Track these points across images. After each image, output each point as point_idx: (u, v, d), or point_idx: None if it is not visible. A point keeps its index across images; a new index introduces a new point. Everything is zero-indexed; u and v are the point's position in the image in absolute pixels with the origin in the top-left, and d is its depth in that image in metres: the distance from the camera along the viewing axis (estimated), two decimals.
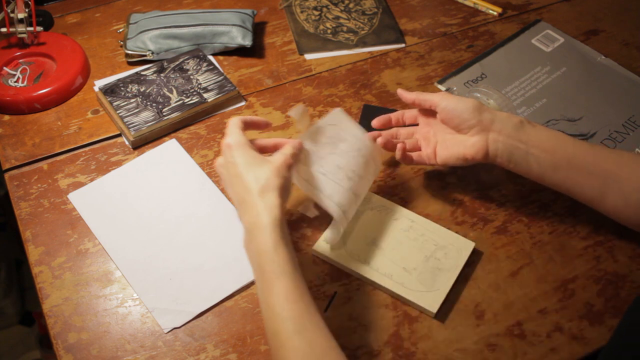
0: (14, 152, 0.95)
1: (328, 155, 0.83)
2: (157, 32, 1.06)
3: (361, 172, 0.84)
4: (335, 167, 0.82)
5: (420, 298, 0.79)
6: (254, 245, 0.71)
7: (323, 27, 1.14)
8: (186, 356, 0.76)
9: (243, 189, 0.73)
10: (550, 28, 1.14)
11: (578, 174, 0.79)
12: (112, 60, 1.09)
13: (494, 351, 0.76)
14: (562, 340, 0.77)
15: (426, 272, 0.81)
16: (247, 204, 0.72)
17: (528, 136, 0.80)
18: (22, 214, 0.88)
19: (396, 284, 0.80)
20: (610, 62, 1.08)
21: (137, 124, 0.95)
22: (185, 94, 1.00)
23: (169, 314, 0.79)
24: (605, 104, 1.01)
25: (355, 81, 1.05)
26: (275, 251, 0.69)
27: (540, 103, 1.02)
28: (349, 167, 0.83)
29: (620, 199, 0.78)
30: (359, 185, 0.84)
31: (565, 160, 0.79)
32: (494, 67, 1.07)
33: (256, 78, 1.06)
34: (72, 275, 0.82)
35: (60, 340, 0.77)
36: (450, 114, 0.82)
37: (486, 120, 0.81)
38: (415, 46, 1.11)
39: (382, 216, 0.86)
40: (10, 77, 1.04)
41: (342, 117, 0.87)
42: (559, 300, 0.80)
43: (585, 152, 0.80)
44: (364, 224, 0.86)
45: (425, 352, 0.76)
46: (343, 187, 0.81)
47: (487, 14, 1.17)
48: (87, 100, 1.03)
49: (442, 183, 0.92)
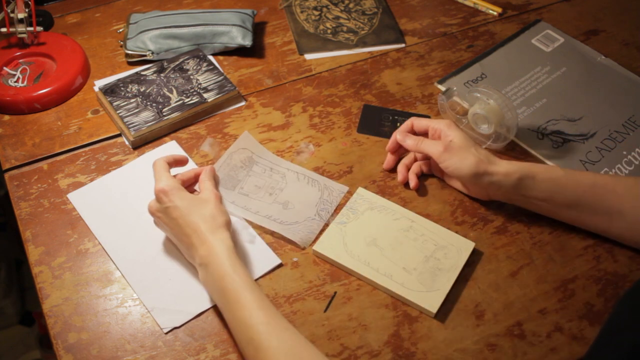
0: (14, 152, 0.95)
1: (245, 177, 0.90)
2: (157, 32, 1.06)
3: (281, 185, 0.90)
4: (255, 187, 0.89)
5: (420, 298, 0.79)
6: (210, 275, 0.74)
7: (323, 27, 1.14)
8: (186, 356, 0.76)
9: (190, 231, 0.76)
10: (550, 28, 1.14)
11: (581, 215, 0.83)
12: (112, 60, 1.09)
13: (494, 351, 0.76)
14: (562, 340, 0.77)
15: (426, 272, 0.81)
16: (197, 242, 0.76)
17: (527, 190, 0.82)
18: (22, 214, 0.88)
19: (396, 284, 0.80)
20: (610, 62, 1.08)
21: (137, 124, 0.95)
22: (185, 94, 1.00)
23: (169, 314, 0.79)
24: (605, 104, 1.01)
25: (355, 81, 1.05)
26: (234, 272, 0.73)
27: (540, 103, 1.02)
28: (267, 185, 0.89)
29: (625, 229, 0.82)
30: (284, 194, 0.89)
31: (566, 206, 0.82)
32: (494, 67, 1.07)
33: (256, 78, 1.06)
34: (72, 275, 0.82)
35: (60, 340, 0.77)
36: (451, 173, 0.86)
37: (485, 183, 0.83)
38: (415, 46, 1.11)
39: (382, 216, 0.86)
40: (10, 77, 1.04)
41: (250, 140, 0.95)
42: (559, 300, 0.80)
43: (585, 193, 0.81)
44: (364, 224, 0.86)
45: (425, 352, 0.76)
46: (266, 202, 0.88)
47: (487, 14, 1.17)
48: (87, 100, 1.03)
49: (442, 183, 0.92)
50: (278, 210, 0.88)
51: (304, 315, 0.79)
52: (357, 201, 0.88)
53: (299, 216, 0.87)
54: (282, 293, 0.81)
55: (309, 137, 0.97)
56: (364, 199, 0.88)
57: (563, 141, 0.97)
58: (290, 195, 0.89)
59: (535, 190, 0.82)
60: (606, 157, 0.94)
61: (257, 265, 0.83)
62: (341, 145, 0.96)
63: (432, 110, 1.01)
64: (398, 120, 0.99)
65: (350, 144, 0.97)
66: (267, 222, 0.86)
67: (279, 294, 0.81)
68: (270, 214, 0.87)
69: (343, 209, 0.87)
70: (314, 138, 0.97)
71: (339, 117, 1.00)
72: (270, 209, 0.88)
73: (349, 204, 0.88)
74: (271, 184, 0.90)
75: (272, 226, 0.86)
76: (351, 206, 0.88)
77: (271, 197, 0.89)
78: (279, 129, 0.98)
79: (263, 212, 0.87)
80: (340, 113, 1.01)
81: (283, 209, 0.88)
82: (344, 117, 1.00)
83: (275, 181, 0.90)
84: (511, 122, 0.91)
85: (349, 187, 0.91)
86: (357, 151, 0.96)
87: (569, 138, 0.97)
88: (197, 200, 0.79)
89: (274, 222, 0.86)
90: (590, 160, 0.94)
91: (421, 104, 1.02)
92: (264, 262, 0.83)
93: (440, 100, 0.97)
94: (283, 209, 0.88)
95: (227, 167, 0.91)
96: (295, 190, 0.90)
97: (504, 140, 0.94)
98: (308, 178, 0.91)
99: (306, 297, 0.80)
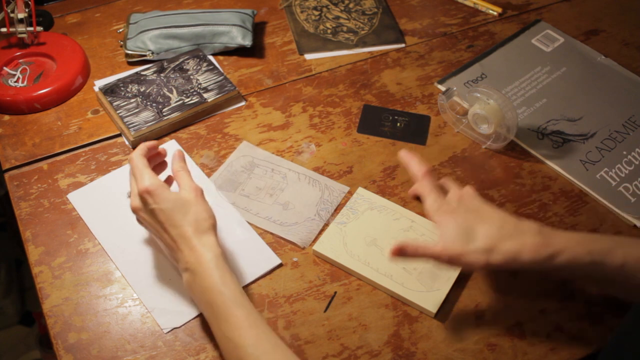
0: (14, 152, 0.95)
1: (246, 180, 0.90)
2: (157, 32, 1.06)
3: (282, 186, 0.90)
4: (255, 189, 0.89)
5: (420, 298, 0.79)
6: (198, 284, 0.72)
7: (323, 27, 1.14)
8: (186, 356, 0.76)
9: (177, 235, 0.74)
10: (550, 28, 1.14)
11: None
12: (112, 60, 1.09)
13: (494, 351, 0.76)
14: (562, 340, 0.77)
15: (426, 272, 0.81)
16: (184, 248, 0.73)
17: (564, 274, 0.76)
18: (22, 214, 0.88)
19: (396, 284, 0.80)
20: (610, 62, 1.08)
21: (137, 124, 0.95)
22: (185, 94, 1.00)
23: (169, 314, 0.79)
24: (605, 104, 1.01)
25: (355, 81, 1.05)
26: (223, 284, 0.71)
27: (540, 103, 1.02)
28: (268, 186, 0.89)
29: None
30: (285, 194, 0.89)
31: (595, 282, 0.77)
32: (494, 67, 1.07)
33: (256, 78, 1.06)
34: (72, 275, 0.82)
35: (60, 340, 0.77)
36: None
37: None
38: (415, 46, 1.11)
39: (382, 216, 0.86)
40: (10, 77, 1.04)
41: (250, 148, 0.95)
42: (559, 300, 0.80)
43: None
44: (364, 224, 0.86)
45: (425, 352, 0.76)
46: (267, 204, 0.88)
47: (487, 14, 1.17)
48: (87, 100, 1.03)
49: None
50: (278, 212, 0.88)
51: (304, 315, 0.79)
52: (357, 201, 0.88)
53: (299, 217, 0.87)
54: (282, 293, 0.81)
55: (309, 137, 0.97)
56: (364, 199, 0.88)
57: (563, 141, 0.97)
58: (290, 195, 0.89)
59: (565, 272, 0.74)
60: (606, 157, 0.94)
61: (256, 264, 0.83)
62: (341, 145, 0.96)
63: (432, 110, 1.01)
64: (398, 120, 0.99)
65: (350, 144, 0.97)
66: (267, 224, 0.86)
67: (279, 294, 0.81)
68: (270, 216, 0.87)
69: (343, 209, 0.87)
70: (314, 138, 0.97)
71: (339, 117, 1.00)
72: (270, 210, 0.88)
73: (349, 204, 0.88)
74: (272, 184, 0.90)
75: (272, 228, 0.86)
76: (351, 206, 0.88)
77: (272, 198, 0.89)
78: (279, 129, 0.98)
79: (263, 213, 0.88)
80: (340, 113, 1.01)
81: (283, 210, 0.88)
82: (344, 117, 1.00)
83: (276, 182, 0.91)
84: (511, 122, 0.91)
85: (349, 187, 0.91)
86: (357, 151, 0.96)
87: (569, 138, 0.97)
88: (180, 202, 0.75)
89: (274, 224, 0.86)
90: (590, 160, 0.94)
91: (421, 104, 1.02)
92: (264, 262, 0.83)
93: (440, 100, 0.97)
94: (283, 210, 0.88)
95: (227, 173, 0.92)
96: (295, 191, 0.90)
97: (504, 140, 0.94)
98: (309, 178, 0.91)
99: (306, 297, 0.80)
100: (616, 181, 0.92)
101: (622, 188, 0.91)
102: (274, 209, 0.88)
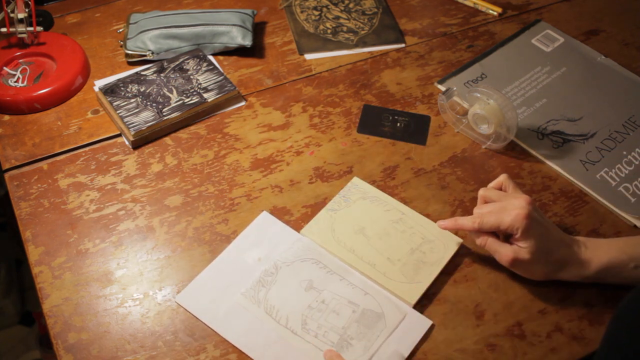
0: (14, 152, 0.96)
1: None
2: (157, 32, 1.06)
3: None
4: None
5: (399, 288, 0.79)
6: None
7: (323, 27, 1.14)
8: (186, 356, 0.76)
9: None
10: (550, 28, 1.14)
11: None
12: (112, 60, 1.09)
13: (494, 351, 0.76)
14: (562, 340, 0.77)
15: (410, 264, 0.81)
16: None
17: (610, 279, 0.79)
18: (22, 214, 0.88)
19: (378, 272, 0.80)
20: (610, 62, 1.08)
21: (137, 124, 0.95)
22: (185, 94, 1.00)
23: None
24: (605, 104, 1.01)
25: (355, 81, 1.05)
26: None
27: (540, 103, 1.02)
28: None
29: None
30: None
31: None
32: (494, 67, 1.07)
33: (256, 78, 1.06)
34: (72, 275, 0.82)
35: (60, 340, 0.77)
36: None
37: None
38: (415, 46, 1.11)
39: (374, 206, 0.87)
40: (10, 77, 1.04)
41: (271, 220, 0.87)
42: (559, 300, 0.80)
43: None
44: (354, 212, 0.86)
45: (425, 352, 0.76)
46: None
47: (487, 14, 1.17)
48: (87, 100, 1.03)
49: (442, 183, 0.92)
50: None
51: None
52: (350, 190, 0.89)
53: None
54: None
55: (309, 137, 0.97)
56: (357, 188, 0.89)
57: (563, 141, 0.97)
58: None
59: (617, 279, 0.78)
60: (606, 157, 0.94)
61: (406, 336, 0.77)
62: (341, 146, 0.96)
63: (432, 110, 1.01)
64: (398, 120, 0.99)
65: (350, 144, 0.97)
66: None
67: None
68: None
69: (336, 197, 0.88)
70: (314, 138, 0.97)
71: (339, 117, 1.00)
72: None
73: (342, 192, 0.89)
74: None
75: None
76: (344, 194, 0.89)
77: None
78: (279, 129, 0.98)
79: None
80: (340, 113, 1.01)
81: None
82: (344, 117, 1.00)
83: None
84: (511, 122, 0.91)
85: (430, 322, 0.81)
86: (357, 151, 0.96)
87: (569, 138, 0.97)
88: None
89: None
90: (590, 161, 0.94)
91: (421, 104, 1.02)
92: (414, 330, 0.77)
93: (440, 100, 0.97)
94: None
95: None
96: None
97: (504, 140, 0.94)
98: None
99: None
100: (616, 181, 0.92)
101: (622, 188, 0.91)
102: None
